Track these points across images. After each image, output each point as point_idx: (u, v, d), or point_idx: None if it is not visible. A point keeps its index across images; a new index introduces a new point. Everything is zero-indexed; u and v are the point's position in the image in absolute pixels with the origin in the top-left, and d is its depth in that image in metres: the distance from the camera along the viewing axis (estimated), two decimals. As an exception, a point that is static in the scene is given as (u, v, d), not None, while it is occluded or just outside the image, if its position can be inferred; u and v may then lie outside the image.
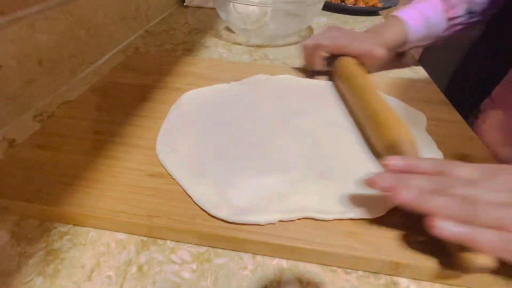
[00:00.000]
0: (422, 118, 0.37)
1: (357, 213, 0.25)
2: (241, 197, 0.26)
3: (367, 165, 0.30)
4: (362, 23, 0.77)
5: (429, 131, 0.35)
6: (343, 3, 0.85)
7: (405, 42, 0.47)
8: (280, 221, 0.24)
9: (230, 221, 0.24)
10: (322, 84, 0.44)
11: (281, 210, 0.25)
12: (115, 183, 0.27)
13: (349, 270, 0.23)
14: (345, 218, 0.25)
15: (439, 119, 0.38)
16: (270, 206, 0.25)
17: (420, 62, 0.56)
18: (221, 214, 0.24)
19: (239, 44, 0.61)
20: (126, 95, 0.40)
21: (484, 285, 0.22)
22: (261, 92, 0.41)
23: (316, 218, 0.24)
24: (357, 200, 0.26)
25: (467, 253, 0.20)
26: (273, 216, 0.24)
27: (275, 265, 0.23)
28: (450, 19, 0.46)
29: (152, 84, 0.42)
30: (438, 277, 0.22)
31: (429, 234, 0.20)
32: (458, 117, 0.39)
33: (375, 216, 0.25)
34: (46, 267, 0.23)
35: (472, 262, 0.19)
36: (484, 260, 0.19)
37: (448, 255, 0.22)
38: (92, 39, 0.49)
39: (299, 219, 0.25)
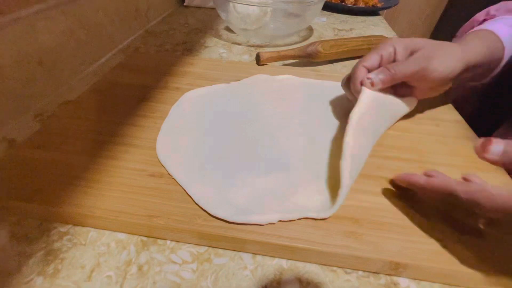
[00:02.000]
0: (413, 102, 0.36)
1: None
2: (241, 197, 0.26)
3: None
4: (362, 23, 0.77)
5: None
6: (343, 3, 0.85)
7: (500, 59, 0.37)
8: (280, 221, 0.24)
9: (230, 221, 0.24)
10: (322, 84, 0.44)
11: (281, 210, 0.25)
12: (115, 183, 0.27)
13: (349, 270, 0.23)
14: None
15: (439, 119, 0.38)
16: (270, 206, 0.25)
17: None
18: (221, 214, 0.24)
19: (239, 44, 0.61)
20: (126, 95, 0.40)
21: (484, 285, 0.22)
22: (261, 92, 0.41)
23: (316, 218, 0.24)
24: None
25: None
26: (273, 216, 0.24)
27: (275, 265, 0.23)
28: None
29: (152, 84, 0.42)
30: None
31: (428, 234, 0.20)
32: (458, 117, 0.39)
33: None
34: (46, 267, 0.22)
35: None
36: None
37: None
38: (92, 39, 0.49)
39: (299, 219, 0.25)
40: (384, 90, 0.33)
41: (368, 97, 0.31)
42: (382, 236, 0.24)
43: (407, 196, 0.27)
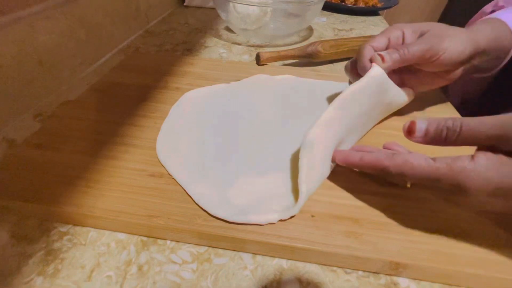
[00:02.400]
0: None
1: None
2: (241, 197, 0.26)
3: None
4: (362, 23, 0.77)
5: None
6: (343, 3, 0.85)
7: (508, 48, 0.35)
8: (280, 220, 0.24)
9: (230, 221, 0.24)
10: (322, 84, 0.44)
11: (281, 210, 0.25)
12: (115, 183, 0.27)
13: (349, 270, 0.23)
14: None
15: (439, 119, 0.38)
16: (270, 206, 0.25)
17: None
18: (221, 214, 0.24)
19: (239, 44, 0.61)
20: (126, 95, 0.40)
21: (483, 285, 0.22)
22: (261, 92, 0.41)
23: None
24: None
25: None
26: (273, 216, 0.24)
27: (275, 265, 0.23)
28: None
29: (152, 84, 0.42)
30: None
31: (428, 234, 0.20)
32: (458, 116, 0.39)
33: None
34: (46, 267, 0.22)
35: None
36: None
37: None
38: (92, 39, 0.49)
39: (299, 218, 0.25)
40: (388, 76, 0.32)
41: (377, 71, 0.30)
42: (382, 236, 0.24)
43: (407, 195, 0.27)
